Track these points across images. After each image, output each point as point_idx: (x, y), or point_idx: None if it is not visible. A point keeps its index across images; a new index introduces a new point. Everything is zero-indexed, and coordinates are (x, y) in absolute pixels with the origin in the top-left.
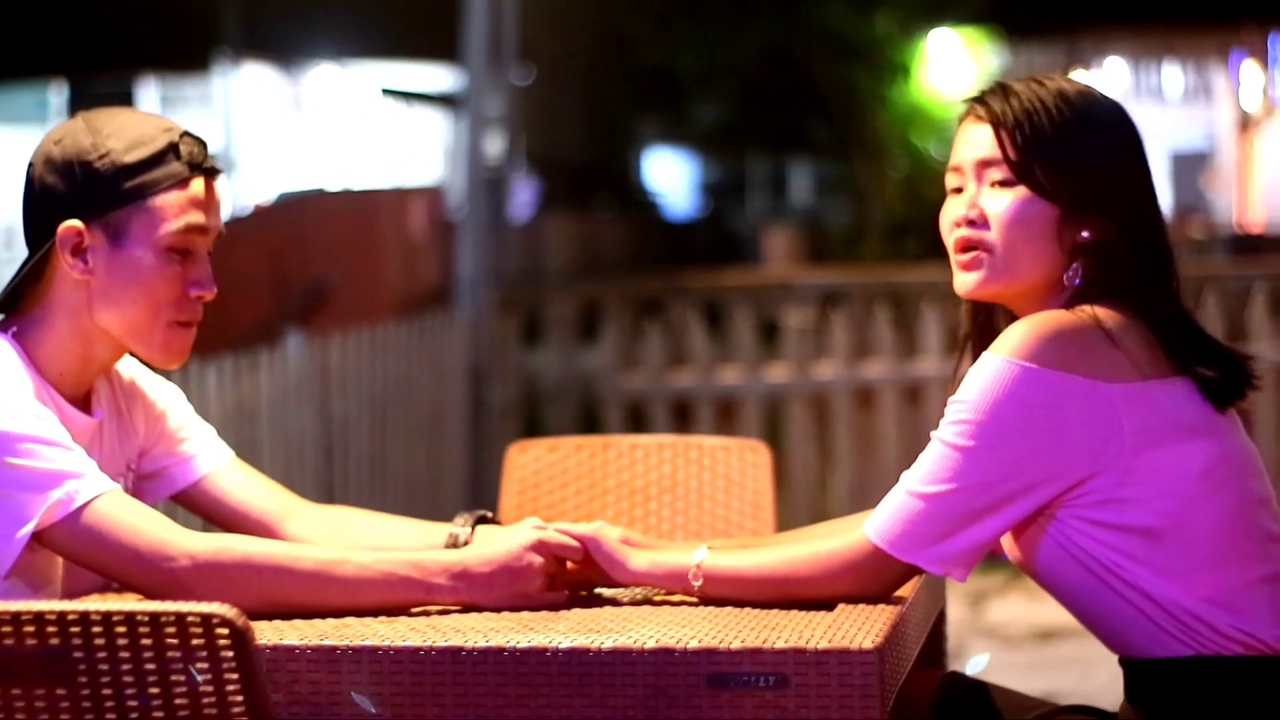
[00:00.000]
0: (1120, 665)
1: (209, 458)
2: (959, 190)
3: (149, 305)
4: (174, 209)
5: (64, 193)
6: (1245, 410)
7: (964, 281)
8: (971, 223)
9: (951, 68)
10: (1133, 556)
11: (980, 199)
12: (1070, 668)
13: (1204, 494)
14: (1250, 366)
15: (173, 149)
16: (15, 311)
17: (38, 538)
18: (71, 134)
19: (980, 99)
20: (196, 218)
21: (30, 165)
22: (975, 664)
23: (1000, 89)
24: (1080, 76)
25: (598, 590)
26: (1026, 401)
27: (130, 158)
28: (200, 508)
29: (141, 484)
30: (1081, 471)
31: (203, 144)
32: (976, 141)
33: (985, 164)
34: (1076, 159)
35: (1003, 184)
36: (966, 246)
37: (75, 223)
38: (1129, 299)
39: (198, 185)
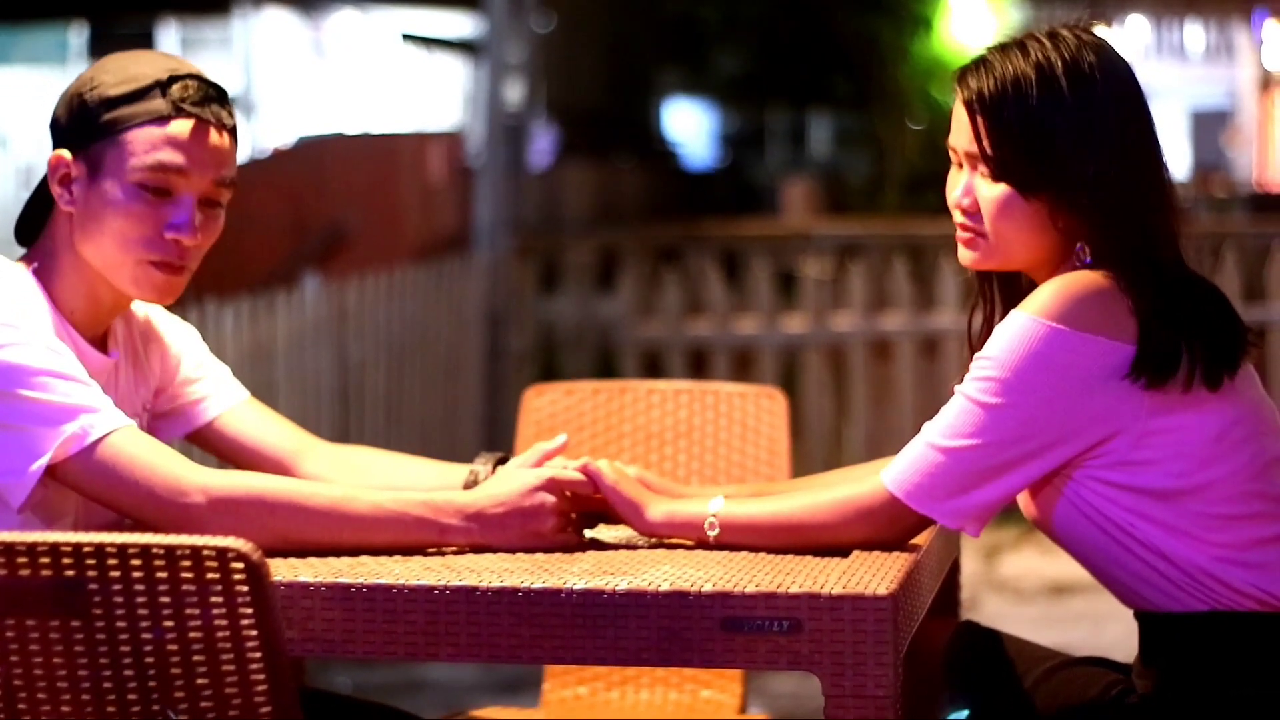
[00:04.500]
0: (1136, 619)
1: (224, 397)
2: (960, 165)
3: (116, 240)
4: (144, 145)
5: (62, 124)
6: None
7: (963, 256)
8: (965, 209)
9: (974, 21)
10: (1147, 517)
11: (974, 185)
12: (1082, 622)
13: (1219, 456)
14: (1245, 335)
15: (159, 86)
16: (35, 241)
17: (51, 472)
18: (85, 71)
19: (962, 75)
20: (171, 157)
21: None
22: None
23: (979, 65)
24: (1099, 30)
25: (611, 530)
26: (1052, 361)
27: (114, 91)
28: (215, 446)
29: (156, 423)
30: (1101, 432)
31: (206, 89)
32: (960, 127)
33: (970, 154)
34: (1055, 149)
35: (989, 176)
36: (963, 226)
37: (62, 152)
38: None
39: (180, 126)
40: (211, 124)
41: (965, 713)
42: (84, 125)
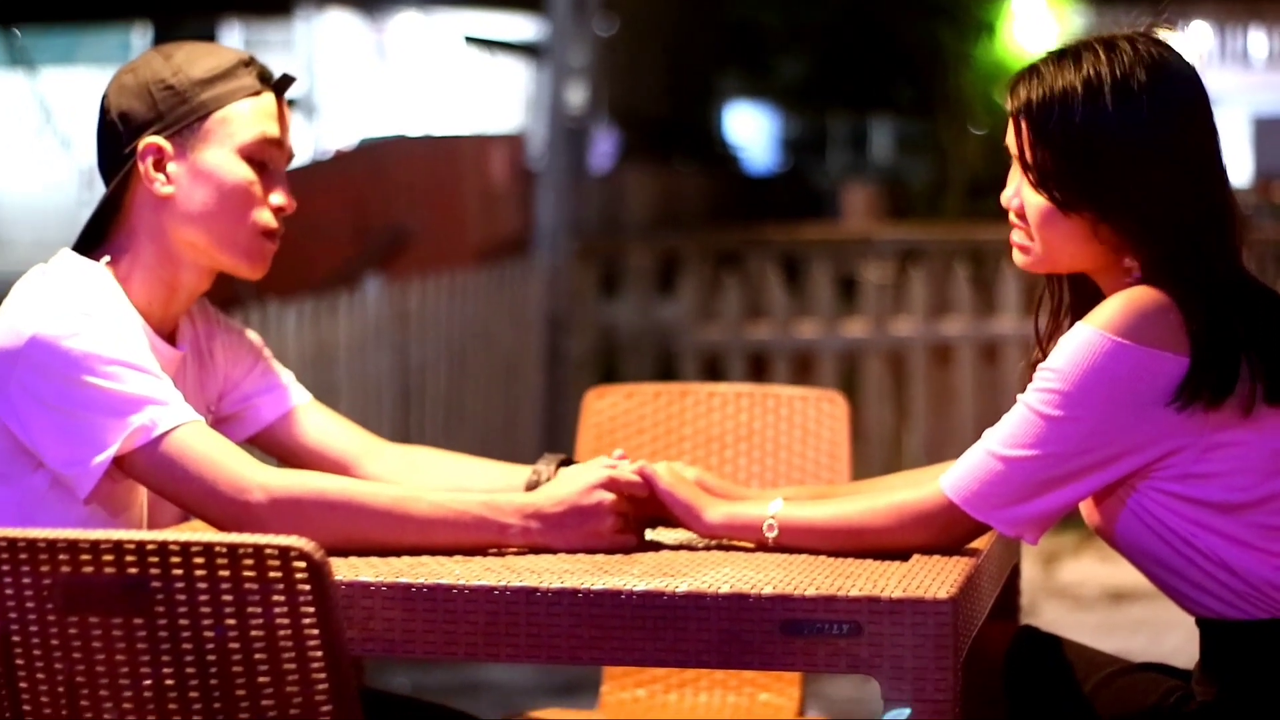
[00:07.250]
0: (1197, 626)
1: (287, 399)
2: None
3: (234, 209)
4: (249, 118)
5: (142, 113)
6: None
7: (1016, 258)
8: (1015, 210)
9: (1036, 26)
10: (1209, 528)
11: (1022, 190)
12: (1141, 629)
13: None
14: None
15: (243, 64)
16: (99, 246)
17: (117, 464)
18: (145, 62)
19: (1014, 82)
20: (271, 128)
21: (104, 98)
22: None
23: (1031, 73)
24: (1164, 36)
25: (671, 532)
26: (1115, 377)
27: (204, 73)
28: (278, 449)
29: (220, 426)
30: (1162, 448)
31: (268, 70)
32: (1011, 133)
33: (1018, 161)
34: (1096, 170)
35: (1034, 186)
36: (1015, 226)
37: (155, 138)
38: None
39: (270, 100)
40: (283, 100)
41: (907, 712)
42: (176, 107)
